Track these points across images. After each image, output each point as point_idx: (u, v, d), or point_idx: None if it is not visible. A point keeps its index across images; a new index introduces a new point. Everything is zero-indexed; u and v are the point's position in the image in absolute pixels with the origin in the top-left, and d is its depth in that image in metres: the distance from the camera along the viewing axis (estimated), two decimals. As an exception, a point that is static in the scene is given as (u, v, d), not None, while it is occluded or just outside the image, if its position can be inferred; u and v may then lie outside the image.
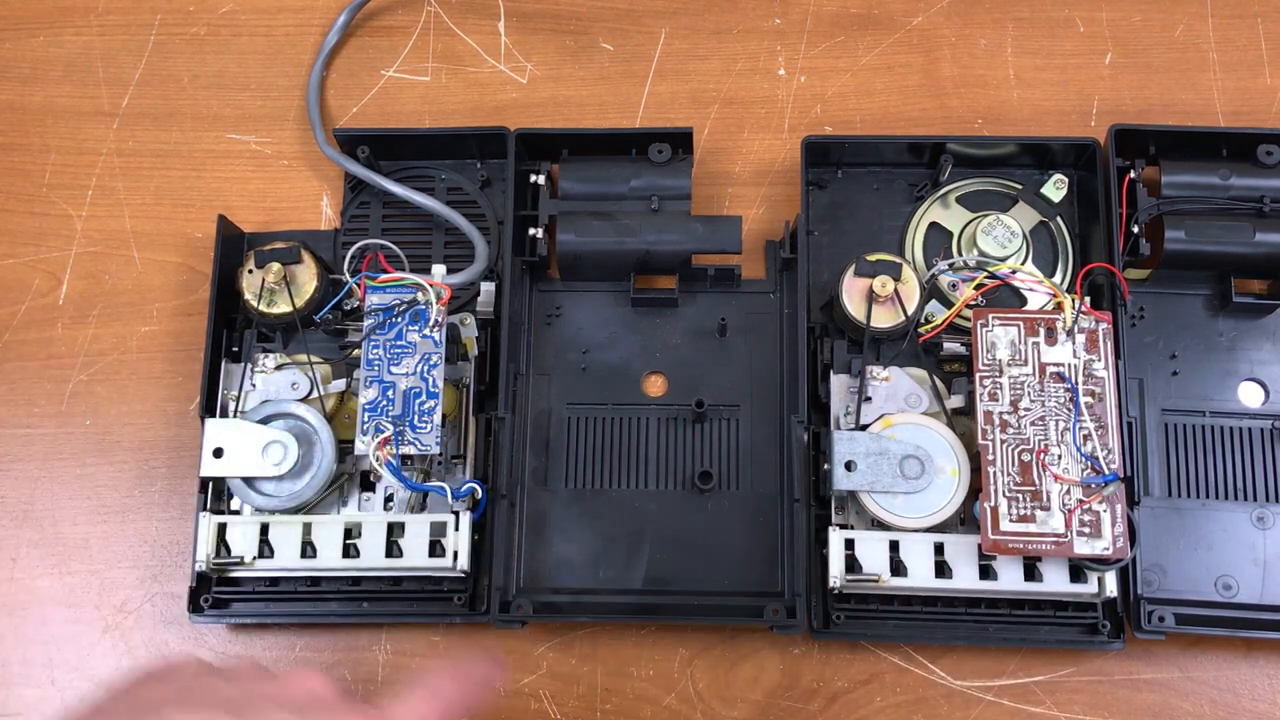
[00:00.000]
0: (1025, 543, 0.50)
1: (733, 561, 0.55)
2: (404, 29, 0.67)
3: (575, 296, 0.60)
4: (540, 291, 0.60)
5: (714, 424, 0.58)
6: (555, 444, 0.58)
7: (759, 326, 0.59)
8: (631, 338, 0.59)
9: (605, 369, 0.59)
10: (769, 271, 0.60)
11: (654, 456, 0.57)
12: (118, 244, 0.63)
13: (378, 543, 0.52)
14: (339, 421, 0.56)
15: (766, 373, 0.58)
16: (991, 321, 0.53)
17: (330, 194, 0.63)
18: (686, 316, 0.60)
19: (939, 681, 0.54)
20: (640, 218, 0.58)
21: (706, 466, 0.57)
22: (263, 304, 0.56)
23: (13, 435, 0.60)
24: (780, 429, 0.57)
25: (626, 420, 0.58)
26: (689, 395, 0.58)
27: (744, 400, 0.58)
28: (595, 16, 0.67)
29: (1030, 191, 0.60)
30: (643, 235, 0.57)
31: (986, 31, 0.65)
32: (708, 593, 0.55)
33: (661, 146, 0.59)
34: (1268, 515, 0.54)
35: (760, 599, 0.54)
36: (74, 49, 0.67)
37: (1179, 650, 0.54)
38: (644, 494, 0.57)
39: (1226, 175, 0.56)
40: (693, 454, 0.57)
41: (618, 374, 0.59)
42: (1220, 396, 0.56)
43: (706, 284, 0.59)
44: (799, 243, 0.57)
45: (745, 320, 0.59)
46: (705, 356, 0.59)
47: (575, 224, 0.57)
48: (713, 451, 0.57)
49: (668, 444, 0.58)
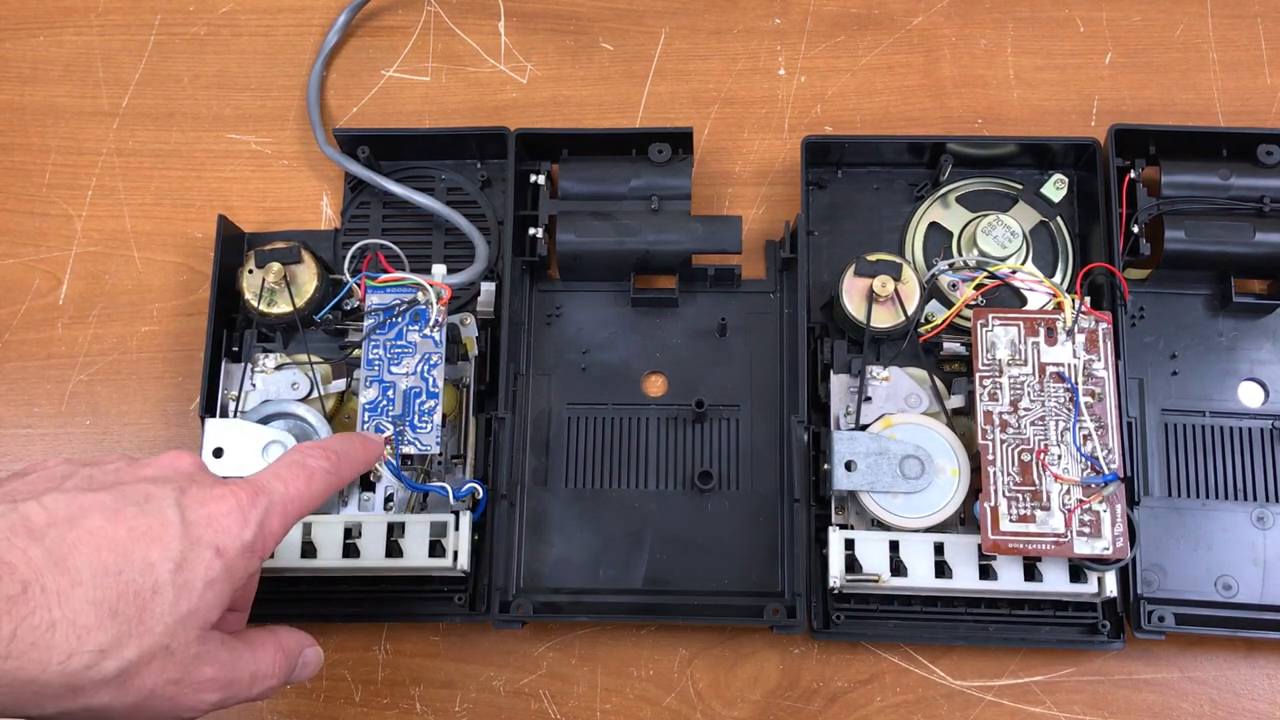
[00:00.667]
0: (1025, 543, 0.50)
1: (733, 561, 0.55)
2: (404, 29, 0.67)
3: (575, 296, 0.60)
4: (540, 291, 0.60)
5: (714, 424, 0.58)
6: (555, 444, 0.58)
7: (759, 326, 0.59)
8: (631, 337, 0.59)
9: (605, 369, 0.59)
10: (769, 271, 0.60)
11: (654, 456, 0.57)
12: (118, 244, 0.63)
13: (378, 542, 0.52)
14: (339, 421, 0.56)
15: (766, 373, 0.58)
16: (991, 321, 0.53)
17: (330, 194, 0.63)
18: (687, 316, 0.60)
19: (939, 681, 0.54)
20: (640, 218, 0.58)
21: (706, 466, 0.57)
22: (263, 304, 0.56)
23: (13, 435, 0.60)
24: (780, 429, 0.57)
25: (627, 420, 0.58)
26: (689, 395, 0.58)
27: (744, 400, 0.58)
28: (595, 16, 0.67)
29: (1030, 191, 0.60)
30: (643, 235, 0.57)
31: (986, 31, 0.65)
32: (708, 593, 0.55)
33: (661, 146, 0.59)
34: (1268, 515, 0.54)
35: (760, 599, 0.54)
36: (74, 49, 0.67)
37: (1179, 650, 0.54)
38: (644, 494, 0.57)
39: (1226, 175, 0.56)
40: (693, 454, 0.57)
41: (618, 374, 0.59)
42: (1220, 396, 0.56)
43: (706, 284, 0.59)
44: (799, 242, 0.57)
45: (745, 320, 0.59)
46: (705, 356, 0.59)
47: (575, 224, 0.57)
48: (713, 451, 0.57)
49: (668, 444, 0.58)
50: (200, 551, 0.37)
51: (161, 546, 0.36)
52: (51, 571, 0.34)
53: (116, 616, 0.35)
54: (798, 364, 0.55)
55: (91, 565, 0.34)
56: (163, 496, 0.37)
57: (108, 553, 0.35)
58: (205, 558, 0.37)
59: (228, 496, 0.38)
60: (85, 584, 0.34)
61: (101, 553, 0.35)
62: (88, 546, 0.35)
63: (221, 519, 0.38)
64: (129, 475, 0.39)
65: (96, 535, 0.35)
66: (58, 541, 0.35)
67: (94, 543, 0.35)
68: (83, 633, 0.34)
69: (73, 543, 0.35)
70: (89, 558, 0.35)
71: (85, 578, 0.34)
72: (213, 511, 0.38)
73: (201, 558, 0.37)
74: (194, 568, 0.36)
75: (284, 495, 0.40)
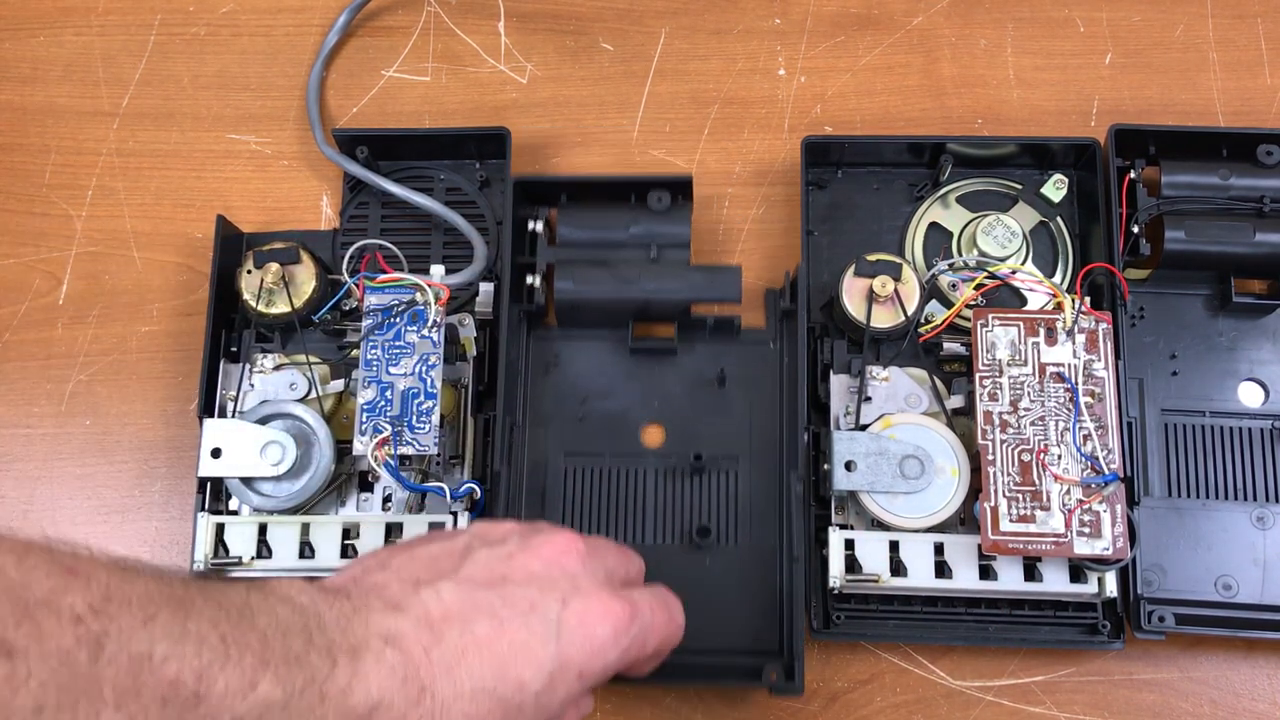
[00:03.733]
0: (1025, 543, 0.50)
1: (730, 618, 0.54)
2: (404, 29, 0.67)
3: (573, 344, 0.59)
4: (538, 339, 0.59)
5: (713, 477, 0.56)
6: (551, 496, 0.56)
7: (758, 378, 0.58)
8: (630, 386, 0.58)
9: (603, 419, 0.57)
10: (769, 321, 0.59)
11: (652, 509, 0.56)
12: (118, 244, 0.63)
13: (376, 543, 0.52)
14: (337, 422, 0.56)
15: (766, 424, 0.57)
16: (991, 321, 0.53)
17: (330, 194, 0.63)
18: (685, 366, 0.58)
19: (939, 681, 0.54)
20: (639, 266, 0.56)
21: (705, 521, 0.55)
22: (261, 304, 0.56)
23: (13, 435, 0.60)
24: (780, 482, 0.56)
25: (624, 472, 0.57)
26: (687, 446, 0.56)
27: (743, 452, 0.57)
28: (595, 16, 0.67)
29: (1030, 191, 0.60)
30: (641, 284, 0.56)
31: (986, 31, 0.65)
32: (703, 651, 0.52)
33: (661, 194, 0.57)
34: (1268, 515, 0.54)
35: (758, 657, 0.52)
36: (74, 49, 0.67)
37: (1179, 650, 0.54)
38: (641, 548, 0.52)
39: (1226, 175, 0.56)
40: (691, 507, 0.56)
41: (616, 424, 0.57)
42: (1220, 396, 0.56)
43: (706, 333, 0.58)
44: (799, 294, 0.55)
45: (745, 370, 0.58)
46: (704, 407, 0.57)
47: (573, 273, 0.56)
48: (711, 505, 0.56)
49: (666, 497, 0.56)
50: (567, 673, 0.36)
51: (535, 666, 0.36)
52: (444, 678, 0.34)
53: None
54: (796, 418, 0.54)
55: (474, 677, 0.34)
56: (546, 607, 0.37)
57: (489, 665, 0.35)
58: (569, 679, 0.37)
59: (608, 618, 0.38)
60: (465, 697, 0.34)
61: (484, 665, 0.35)
62: (474, 656, 0.35)
63: (596, 641, 0.37)
64: (519, 569, 0.38)
65: (482, 644, 0.35)
66: (452, 645, 0.34)
67: (479, 652, 0.35)
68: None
69: (462, 649, 0.34)
70: (473, 668, 0.34)
71: (467, 690, 0.34)
72: (590, 633, 0.37)
73: (566, 679, 0.36)
74: (557, 689, 0.36)
75: (651, 625, 0.40)
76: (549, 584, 0.38)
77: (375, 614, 0.34)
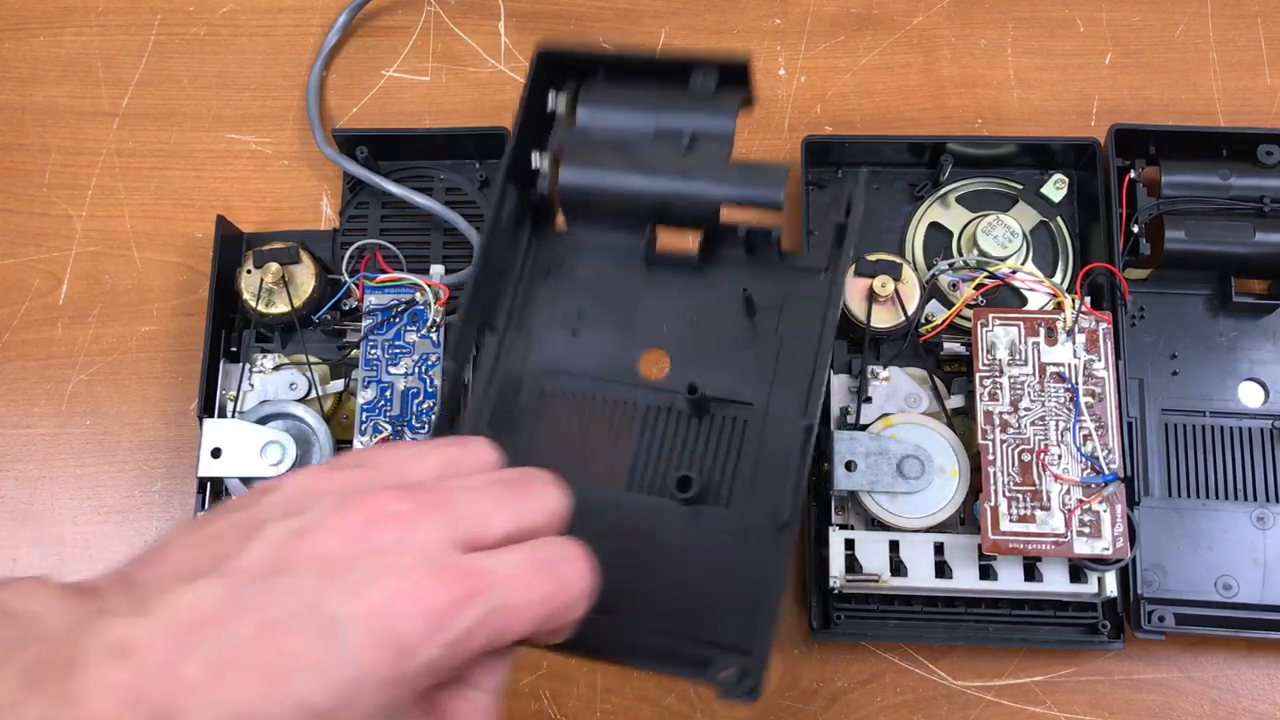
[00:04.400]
0: (1025, 543, 0.50)
1: (705, 594, 0.41)
2: (404, 29, 0.67)
3: (580, 250, 0.48)
4: (541, 242, 0.48)
5: (716, 423, 0.44)
6: (520, 420, 0.45)
7: (797, 310, 0.45)
8: (639, 303, 0.47)
9: (598, 337, 0.46)
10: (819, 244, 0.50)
11: (633, 451, 0.44)
12: (118, 244, 0.63)
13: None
14: (337, 422, 0.56)
15: (798, 368, 0.44)
16: (991, 321, 0.53)
17: (330, 194, 0.63)
18: (710, 286, 0.46)
19: (939, 682, 0.54)
20: (664, 155, 0.45)
21: (690, 471, 0.42)
22: (261, 304, 0.56)
23: (13, 435, 0.60)
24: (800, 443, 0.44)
25: (610, 402, 0.45)
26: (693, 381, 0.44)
27: (760, 399, 0.44)
28: (595, 16, 0.67)
29: (1030, 191, 0.60)
30: (664, 175, 0.45)
31: (986, 31, 0.65)
32: (659, 631, 0.41)
33: (708, 73, 0.45)
34: (1268, 515, 0.54)
35: (725, 651, 0.40)
36: (74, 49, 0.67)
37: (1179, 650, 0.54)
38: (614, 497, 0.43)
39: (1226, 175, 0.56)
40: (683, 456, 0.44)
41: (612, 345, 0.46)
42: (1220, 396, 0.56)
43: (739, 247, 0.46)
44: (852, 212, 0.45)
45: (780, 300, 0.45)
46: (724, 338, 0.46)
47: (582, 155, 0.45)
48: (708, 456, 0.44)
49: (655, 439, 0.44)
50: (371, 682, 0.27)
51: (318, 680, 0.26)
52: (192, 700, 0.25)
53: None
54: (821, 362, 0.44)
55: (234, 698, 0.26)
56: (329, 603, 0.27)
57: (254, 682, 0.26)
58: (376, 689, 0.27)
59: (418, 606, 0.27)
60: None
61: (248, 682, 0.26)
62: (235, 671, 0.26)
63: (402, 638, 0.27)
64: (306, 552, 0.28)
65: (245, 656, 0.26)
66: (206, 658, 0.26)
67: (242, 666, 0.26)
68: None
69: (220, 663, 0.26)
70: (233, 687, 0.26)
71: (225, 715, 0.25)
72: (391, 630, 0.27)
73: (371, 690, 0.27)
74: (359, 704, 0.27)
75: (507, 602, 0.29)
76: (342, 569, 0.28)
77: (115, 619, 0.26)
